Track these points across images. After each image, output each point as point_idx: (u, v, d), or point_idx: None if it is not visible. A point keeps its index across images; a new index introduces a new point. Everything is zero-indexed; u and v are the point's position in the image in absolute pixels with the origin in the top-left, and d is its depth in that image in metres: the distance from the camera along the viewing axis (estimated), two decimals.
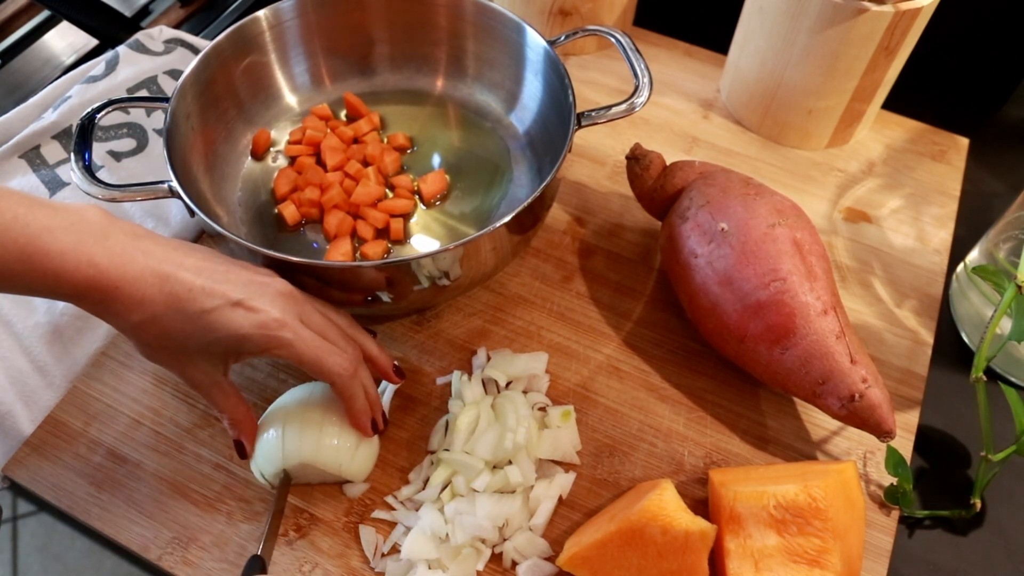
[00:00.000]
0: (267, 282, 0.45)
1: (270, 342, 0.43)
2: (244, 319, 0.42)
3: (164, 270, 0.42)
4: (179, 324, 0.42)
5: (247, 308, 0.43)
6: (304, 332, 0.44)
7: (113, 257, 0.40)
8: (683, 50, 0.79)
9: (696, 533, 0.44)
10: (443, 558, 0.47)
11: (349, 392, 0.47)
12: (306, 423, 0.48)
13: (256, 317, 0.43)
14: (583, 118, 0.56)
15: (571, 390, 0.56)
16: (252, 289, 0.44)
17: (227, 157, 0.64)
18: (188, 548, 0.49)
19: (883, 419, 0.49)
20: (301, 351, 0.44)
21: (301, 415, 0.49)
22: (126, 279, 0.40)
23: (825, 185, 0.69)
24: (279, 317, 0.43)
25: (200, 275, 0.42)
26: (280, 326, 0.43)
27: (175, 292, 0.41)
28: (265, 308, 0.43)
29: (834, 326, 0.49)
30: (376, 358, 0.50)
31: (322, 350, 0.45)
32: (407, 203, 0.62)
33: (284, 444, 0.48)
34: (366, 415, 0.48)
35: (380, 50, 0.69)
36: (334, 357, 0.45)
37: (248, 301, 0.43)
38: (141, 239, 0.42)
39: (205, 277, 0.43)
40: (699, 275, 0.53)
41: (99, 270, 0.40)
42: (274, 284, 0.45)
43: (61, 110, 0.67)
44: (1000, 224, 0.58)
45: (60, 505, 0.50)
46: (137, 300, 0.41)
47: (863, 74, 0.64)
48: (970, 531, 0.52)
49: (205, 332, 0.42)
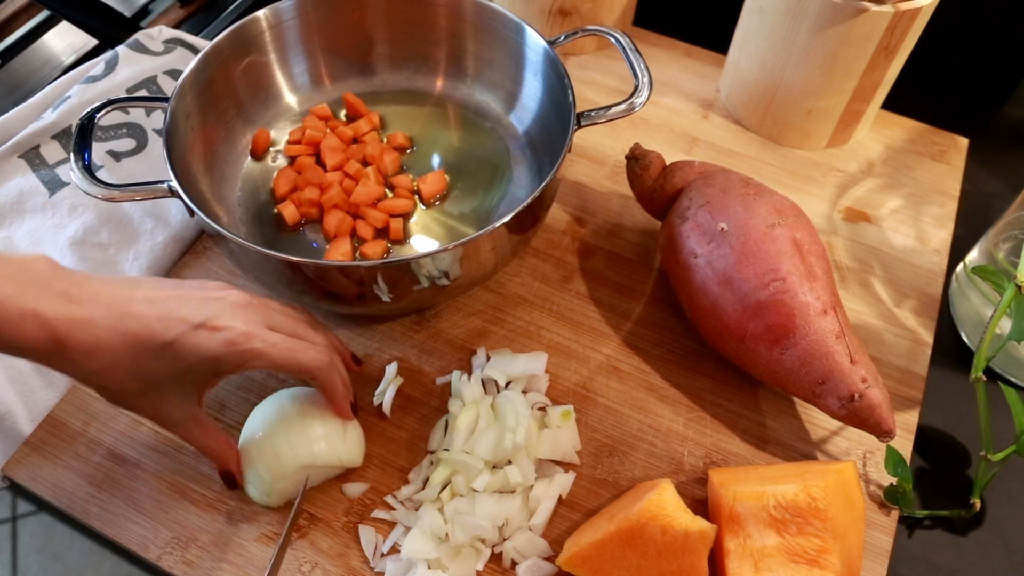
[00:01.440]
0: (223, 296, 0.43)
1: (243, 356, 0.42)
2: (211, 340, 0.41)
3: (115, 310, 0.39)
4: (144, 362, 0.40)
5: (211, 328, 0.41)
6: (273, 337, 0.43)
7: (59, 306, 0.38)
8: (683, 50, 0.79)
9: (696, 533, 0.44)
10: (443, 558, 0.47)
11: (330, 383, 0.47)
12: (290, 428, 0.48)
13: (222, 335, 0.41)
14: (583, 118, 0.56)
15: (571, 390, 0.56)
16: (211, 307, 0.42)
17: (227, 157, 0.64)
18: (188, 548, 0.49)
19: (883, 419, 0.49)
20: (275, 357, 0.43)
21: (282, 425, 0.48)
22: (76, 326, 0.38)
23: (825, 185, 0.69)
24: (245, 330, 0.42)
25: (153, 305, 0.41)
26: (249, 338, 0.42)
27: (131, 330, 0.39)
28: (229, 324, 0.42)
29: (834, 326, 0.49)
30: (337, 347, 0.51)
31: (295, 350, 0.44)
32: (407, 203, 0.62)
33: (280, 455, 0.47)
34: (347, 400, 0.49)
35: (380, 50, 0.69)
36: (309, 353, 0.45)
37: (211, 321, 0.41)
38: (87, 283, 0.40)
39: (159, 306, 0.41)
40: (699, 275, 0.53)
41: (44, 320, 0.37)
42: (230, 296, 0.44)
43: (61, 110, 0.67)
44: (1000, 224, 0.58)
45: (60, 505, 0.50)
46: (91, 346, 0.39)
47: (863, 74, 0.64)
48: (970, 531, 0.52)
49: (174, 363, 0.41)
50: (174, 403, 0.44)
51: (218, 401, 0.55)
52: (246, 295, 0.45)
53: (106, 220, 0.62)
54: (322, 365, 0.46)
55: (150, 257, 0.61)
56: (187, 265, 0.62)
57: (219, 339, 0.41)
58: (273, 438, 0.48)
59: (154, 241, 0.61)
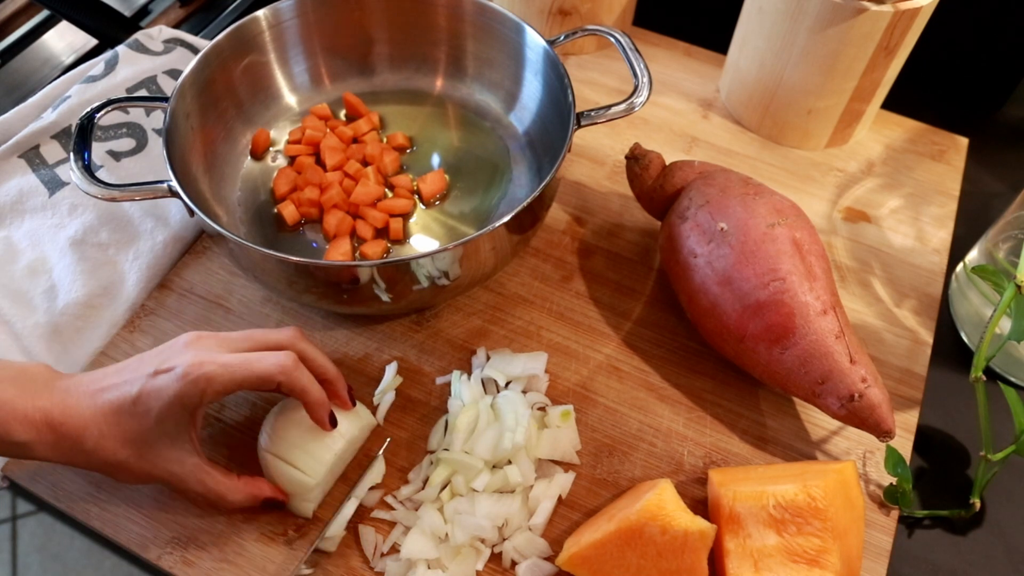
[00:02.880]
0: (173, 342, 0.46)
1: (198, 384, 0.43)
2: (166, 380, 0.43)
3: (91, 389, 0.45)
4: (125, 424, 0.44)
5: (163, 371, 0.44)
6: (225, 358, 0.44)
7: (55, 401, 0.44)
8: (683, 50, 0.79)
9: (695, 533, 0.44)
10: (443, 558, 0.47)
11: (299, 386, 0.46)
12: (304, 434, 0.48)
13: (175, 372, 0.43)
14: (582, 118, 0.56)
15: (570, 390, 0.56)
16: (161, 355, 0.45)
17: (226, 157, 0.64)
18: (187, 548, 0.49)
19: (882, 419, 0.49)
20: (232, 373, 0.44)
21: (289, 439, 0.48)
22: (67, 413, 0.43)
23: (824, 185, 0.69)
24: (194, 360, 0.44)
25: (119, 375, 0.45)
26: (200, 365, 0.44)
27: (106, 401, 0.44)
28: (177, 361, 0.44)
29: (833, 326, 0.49)
30: (329, 374, 0.49)
31: (249, 361, 0.45)
32: (406, 203, 0.62)
33: (314, 461, 0.48)
34: (324, 407, 0.48)
35: (379, 50, 0.69)
36: (266, 360, 0.45)
37: (162, 365, 0.44)
38: (73, 379, 0.46)
39: (122, 375, 0.45)
40: (698, 275, 0.53)
41: (46, 411, 0.43)
42: (178, 341, 0.46)
43: (60, 110, 0.67)
44: (999, 224, 0.58)
45: (59, 505, 0.50)
46: (81, 426, 0.43)
47: (862, 74, 0.64)
48: (969, 531, 0.52)
49: (146, 415, 0.44)
50: (171, 458, 0.45)
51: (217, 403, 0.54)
52: (195, 333, 0.47)
53: (106, 220, 0.62)
54: (283, 368, 0.45)
55: (150, 257, 0.61)
56: (187, 265, 0.62)
57: (173, 377, 0.43)
58: (290, 456, 0.48)
59: (154, 241, 0.61)
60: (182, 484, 0.46)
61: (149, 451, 0.44)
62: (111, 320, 0.58)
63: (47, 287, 0.59)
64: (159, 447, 0.44)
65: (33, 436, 0.43)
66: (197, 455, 0.46)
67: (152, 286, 0.60)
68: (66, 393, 0.44)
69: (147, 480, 0.46)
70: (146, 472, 0.45)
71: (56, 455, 0.44)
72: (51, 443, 0.43)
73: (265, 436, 0.49)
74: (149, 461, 0.45)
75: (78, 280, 0.59)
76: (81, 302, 0.58)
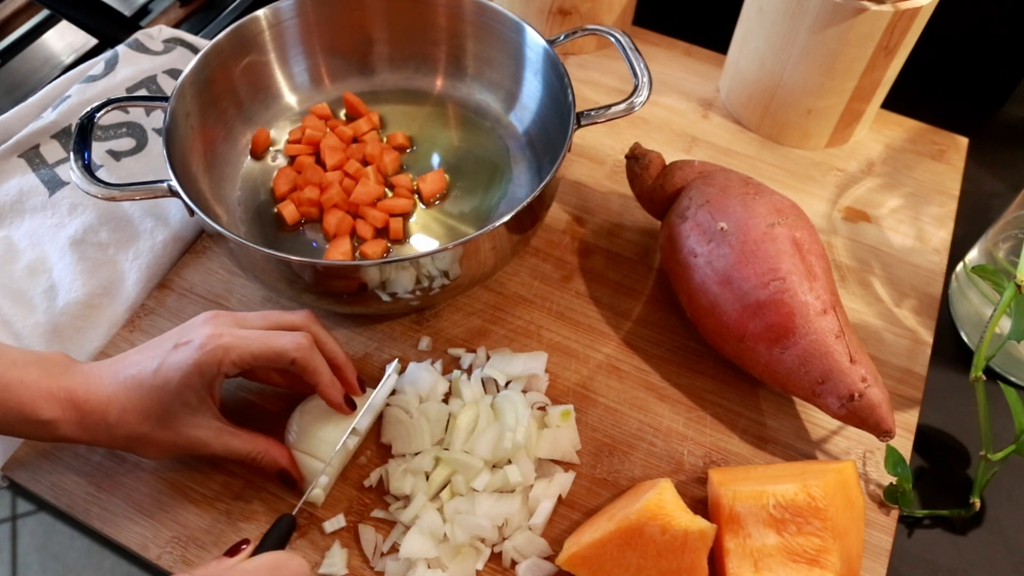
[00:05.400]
0: (190, 321, 0.48)
1: (215, 354, 0.45)
2: (185, 352, 0.45)
3: (114, 367, 0.47)
4: (146, 397, 0.45)
5: (182, 343, 0.46)
6: (243, 331, 0.46)
7: (78, 380, 0.45)
8: (683, 50, 0.79)
9: (695, 532, 0.44)
10: (442, 557, 0.47)
11: (312, 366, 0.47)
12: (315, 421, 0.49)
13: (193, 344, 0.45)
14: (582, 117, 0.56)
15: (570, 389, 0.56)
16: (181, 331, 0.47)
17: (226, 156, 0.64)
18: (187, 547, 0.49)
19: (882, 418, 0.49)
20: (249, 345, 0.46)
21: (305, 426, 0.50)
22: (91, 392, 0.45)
23: (824, 185, 0.69)
24: (212, 332, 0.46)
25: (140, 352, 0.47)
26: (218, 337, 0.45)
27: (128, 376, 0.46)
28: (196, 335, 0.46)
29: (833, 325, 0.49)
30: (340, 360, 0.50)
31: (268, 336, 0.46)
32: (406, 202, 0.62)
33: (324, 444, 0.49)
34: (337, 388, 0.49)
35: (379, 50, 0.69)
36: (283, 338, 0.47)
37: (181, 339, 0.46)
38: (100, 363, 0.47)
39: (143, 352, 0.47)
40: (698, 275, 0.53)
41: (70, 390, 0.45)
42: (198, 317, 0.48)
43: (60, 109, 0.67)
44: (999, 224, 0.58)
45: (59, 505, 0.50)
46: (104, 401, 0.45)
47: (862, 74, 0.64)
48: (969, 530, 0.52)
49: (166, 387, 0.45)
50: (194, 424, 0.46)
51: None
52: (215, 311, 0.48)
53: (106, 219, 0.62)
54: (300, 347, 0.47)
55: (150, 256, 0.61)
56: (187, 265, 0.62)
57: (191, 348, 0.45)
58: (307, 442, 0.49)
59: (154, 240, 0.61)
60: (207, 448, 0.47)
61: (172, 420, 0.46)
62: (111, 320, 0.58)
63: (47, 287, 0.59)
64: (181, 416, 0.46)
65: (59, 414, 0.44)
66: (218, 420, 0.47)
67: (152, 286, 0.60)
68: (88, 373, 0.46)
69: (172, 450, 0.47)
70: (171, 441, 0.46)
71: (81, 433, 0.45)
72: (76, 420, 0.45)
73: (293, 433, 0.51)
74: (172, 430, 0.46)
75: (78, 280, 0.59)
76: (81, 302, 0.58)
